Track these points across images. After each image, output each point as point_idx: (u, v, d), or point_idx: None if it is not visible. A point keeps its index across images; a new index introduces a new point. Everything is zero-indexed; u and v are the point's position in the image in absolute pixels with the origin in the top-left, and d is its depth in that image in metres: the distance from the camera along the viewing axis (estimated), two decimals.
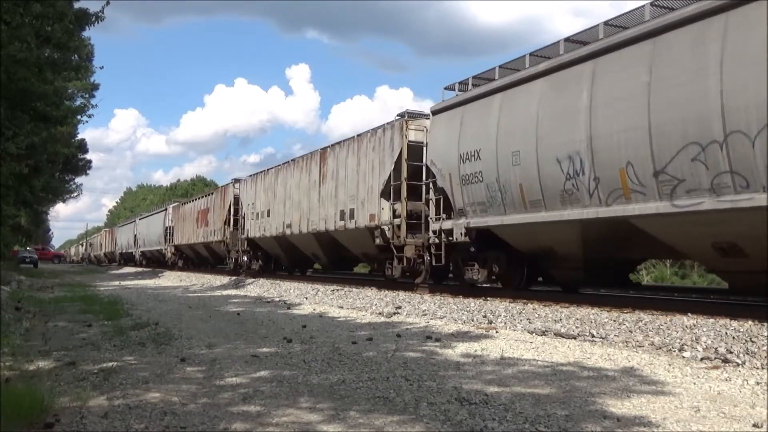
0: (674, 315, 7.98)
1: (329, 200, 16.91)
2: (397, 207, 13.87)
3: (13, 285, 18.05)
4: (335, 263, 19.43)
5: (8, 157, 12.84)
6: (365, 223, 14.97)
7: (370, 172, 14.96)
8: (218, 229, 26.99)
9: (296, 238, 19.54)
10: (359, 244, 16.09)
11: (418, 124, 13.92)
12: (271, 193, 21.57)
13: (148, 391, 4.51)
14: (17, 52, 10.24)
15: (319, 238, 17.93)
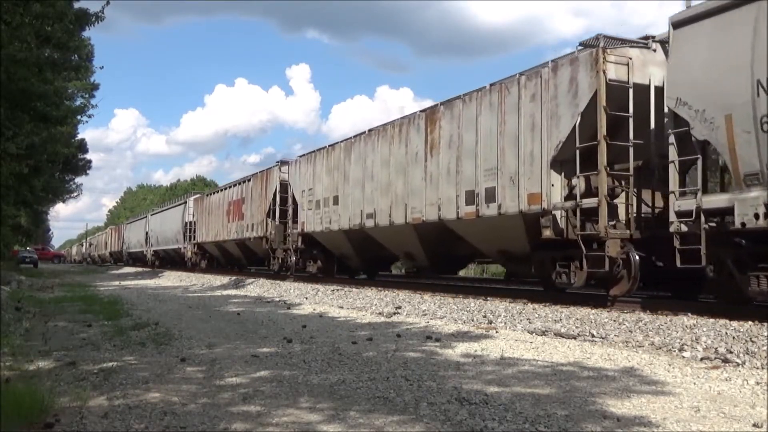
0: (674, 315, 7.98)
1: (445, 178, 12.39)
2: (577, 182, 9.57)
3: (13, 285, 18.06)
4: (441, 264, 14.79)
5: (8, 157, 12.85)
6: (521, 207, 10.45)
7: (528, 132, 10.39)
8: (258, 222, 22.32)
9: (381, 232, 15.01)
10: (498, 238, 11.61)
11: (619, 55, 9.42)
12: (339, 174, 16.77)
13: (148, 391, 4.51)
14: (17, 52, 10.25)
15: (421, 231, 13.59)
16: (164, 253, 38.57)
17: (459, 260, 15.03)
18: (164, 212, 39.38)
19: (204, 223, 29.75)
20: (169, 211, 37.90)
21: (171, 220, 36.17)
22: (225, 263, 29.10)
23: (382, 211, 14.56)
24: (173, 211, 36.43)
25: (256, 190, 23.02)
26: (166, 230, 37.21)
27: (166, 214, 38.12)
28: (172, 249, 36.00)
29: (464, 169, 11.85)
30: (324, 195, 17.44)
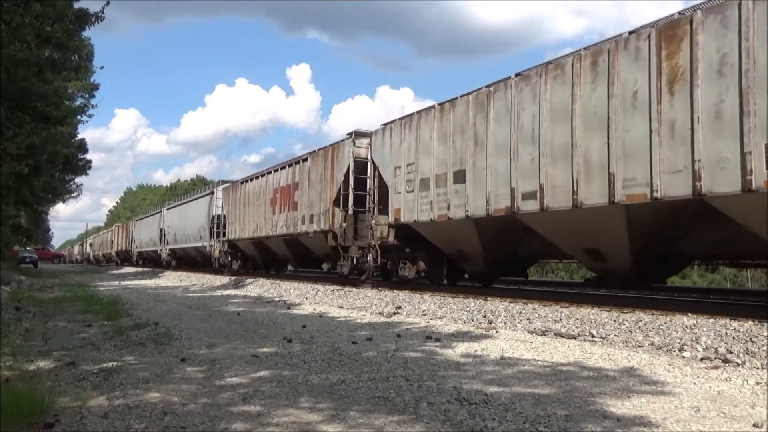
0: (674, 315, 7.98)
1: (709, 126, 7.60)
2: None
3: (13, 285, 18.06)
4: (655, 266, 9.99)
5: (8, 157, 12.85)
6: None
7: None
8: (320, 213, 17.54)
9: (549, 219, 10.11)
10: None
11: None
12: (463, 140, 11.85)
13: (148, 391, 4.51)
14: (17, 52, 10.24)
15: (641, 215, 8.85)
16: (183, 252, 33.47)
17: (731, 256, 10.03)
18: (184, 205, 33.17)
19: (238, 216, 24.64)
20: (190, 204, 32.05)
21: (194, 215, 30.73)
22: (263, 264, 24.35)
23: (555, 187, 9.74)
24: (196, 203, 30.80)
25: (315, 171, 18.23)
26: (187, 226, 31.79)
27: (188, 208, 32.17)
28: (194, 248, 30.76)
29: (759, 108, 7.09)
30: (436, 171, 12.59)
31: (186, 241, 32.17)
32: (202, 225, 29.03)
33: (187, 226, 31.94)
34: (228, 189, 26.74)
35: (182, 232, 32.95)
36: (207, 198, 29.19)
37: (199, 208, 29.98)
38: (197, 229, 30.07)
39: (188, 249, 32.18)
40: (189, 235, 31.66)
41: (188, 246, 31.92)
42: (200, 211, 29.76)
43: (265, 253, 23.37)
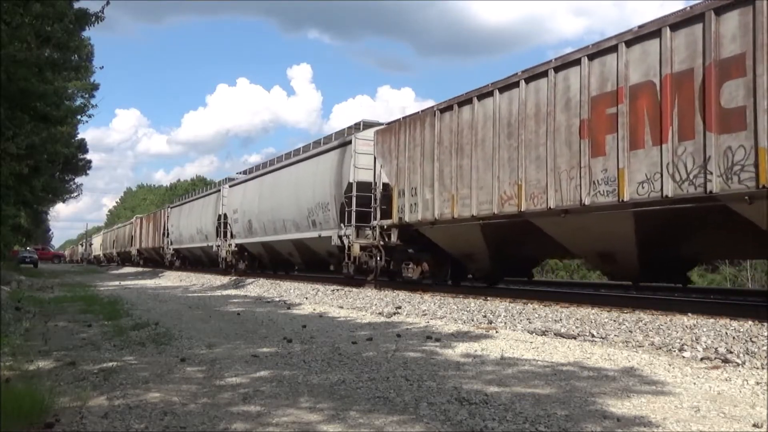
0: (674, 315, 7.98)
1: None
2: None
3: (13, 285, 18.07)
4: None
5: (8, 157, 12.85)
6: None
7: None
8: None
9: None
10: None
11: None
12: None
13: (148, 391, 4.51)
14: (17, 52, 10.25)
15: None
16: (272, 250, 22.62)
17: None
18: (276, 173, 21.77)
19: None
20: (292, 169, 20.67)
21: (300, 182, 19.63)
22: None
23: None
24: (302, 167, 19.61)
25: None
26: (283, 206, 20.50)
27: (283, 175, 21.04)
28: (298, 241, 19.64)
29: None
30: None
31: (283, 230, 20.94)
32: (316, 205, 18.37)
33: (284, 206, 20.66)
34: (391, 130, 16.49)
35: (273, 216, 21.50)
36: (333, 154, 18.47)
37: (310, 173, 19.11)
38: (303, 209, 19.15)
39: (290, 245, 20.62)
40: (291, 218, 20.24)
41: (289, 238, 20.43)
42: (320, 173, 18.48)
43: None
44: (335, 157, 17.07)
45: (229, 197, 26.32)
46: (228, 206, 26.36)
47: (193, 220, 31.62)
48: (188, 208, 33.63)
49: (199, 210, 31.20)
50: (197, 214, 31.13)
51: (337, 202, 16.55)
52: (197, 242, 31.06)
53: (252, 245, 24.03)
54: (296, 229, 19.35)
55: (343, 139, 17.05)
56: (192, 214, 32.30)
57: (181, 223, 34.31)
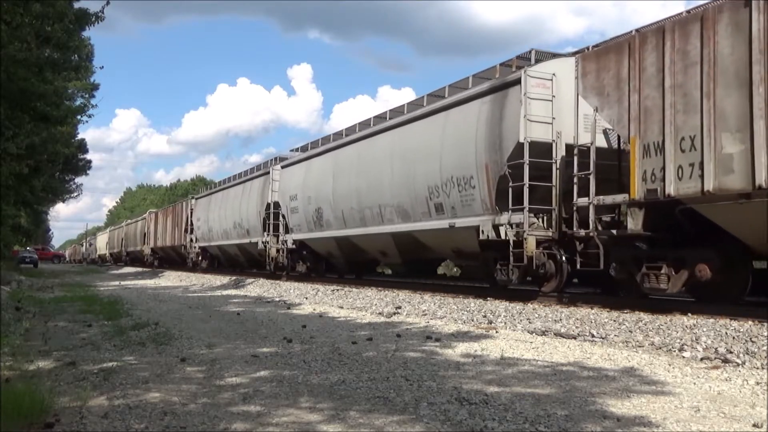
0: (674, 315, 7.98)
1: None
2: None
3: (13, 285, 18.06)
4: None
5: (8, 157, 12.85)
6: None
7: None
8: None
9: None
10: None
11: None
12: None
13: (148, 391, 4.51)
14: (17, 52, 10.25)
15: None
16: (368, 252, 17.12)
17: None
18: (368, 140, 16.45)
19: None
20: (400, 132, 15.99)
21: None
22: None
23: None
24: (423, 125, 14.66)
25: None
26: (365, 188, 15.66)
27: (378, 143, 15.73)
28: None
29: None
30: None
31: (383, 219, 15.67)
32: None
33: (369, 189, 15.60)
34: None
35: (361, 201, 15.86)
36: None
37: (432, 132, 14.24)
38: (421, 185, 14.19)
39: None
40: (404, 200, 14.86)
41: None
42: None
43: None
44: (485, 107, 11.64)
45: (282, 181, 20.79)
46: (282, 192, 20.65)
47: (228, 211, 25.95)
48: (221, 197, 27.67)
49: (236, 199, 25.29)
50: (234, 204, 25.39)
51: (490, 174, 11.27)
52: (233, 238, 25.55)
53: (320, 242, 18.50)
54: (402, 217, 13.96)
55: (501, 80, 11.56)
56: (226, 204, 26.45)
57: (211, 216, 28.44)
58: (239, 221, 24.66)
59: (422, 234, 13.62)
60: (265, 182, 22.23)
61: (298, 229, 19.40)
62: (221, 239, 27.22)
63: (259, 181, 23.04)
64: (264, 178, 22.50)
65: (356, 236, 16.15)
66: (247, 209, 23.86)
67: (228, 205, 26.25)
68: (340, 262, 18.73)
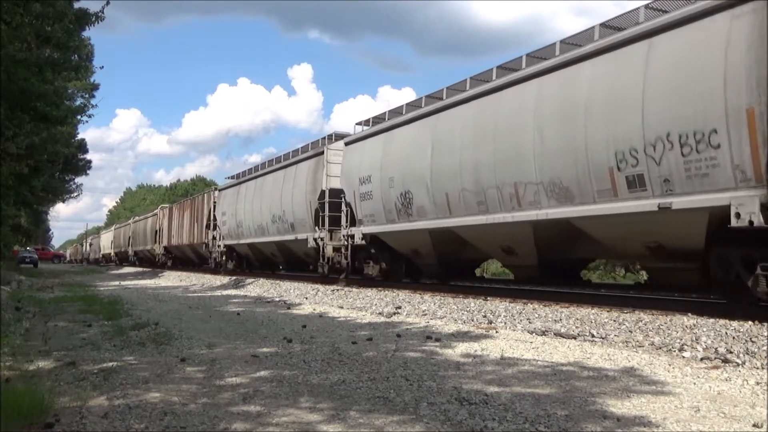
0: (674, 315, 7.98)
1: None
2: None
3: (13, 285, 18.06)
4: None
5: (8, 157, 12.86)
6: None
7: None
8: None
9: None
10: None
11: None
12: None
13: (148, 391, 4.51)
14: (17, 52, 10.26)
15: None
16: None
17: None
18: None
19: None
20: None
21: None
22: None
23: None
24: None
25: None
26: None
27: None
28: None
29: None
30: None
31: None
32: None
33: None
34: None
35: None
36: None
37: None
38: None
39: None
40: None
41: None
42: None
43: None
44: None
45: (346, 161, 16.38)
46: (347, 175, 16.12)
47: (265, 203, 21.83)
48: (254, 187, 23.26)
49: (275, 188, 21.13)
50: (273, 194, 21.20)
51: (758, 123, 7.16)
52: (270, 235, 21.45)
53: (404, 236, 14.20)
54: (558, 198, 9.87)
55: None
56: (261, 195, 22.28)
57: (241, 208, 24.10)
58: (280, 214, 20.54)
59: (594, 223, 9.54)
60: (317, 165, 18.24)
61: (371, 220, 15.08)
62: (254, 236, 23.00)
63: (309, 165, 18.83)
64: (315, 160, 18.40)
65: (467, 227, 12.02)
66: (291, 199, 19.69)
67: (264, 196, 21.98)
68: (429, 263, 14.36)
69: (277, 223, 20.98)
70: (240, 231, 24.50)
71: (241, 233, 24.48)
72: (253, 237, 23.23)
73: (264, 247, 22.83)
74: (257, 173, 23.81)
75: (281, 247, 21.38)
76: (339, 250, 16.92)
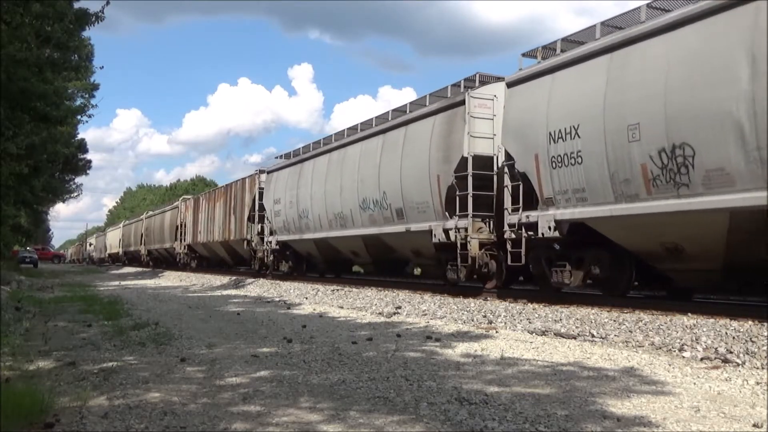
0: (674, 315, 7.98)
1: None
2: None
3: (13, 285, 18.05)
4: None
5: (8, 157, 12.86)
6: None
7: None
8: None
9: None
10: None
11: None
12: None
13: (148, 391, 4.51)
14: (17, 52, 10.26)
15: None
16: None
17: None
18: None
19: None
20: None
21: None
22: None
23: None
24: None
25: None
26: None
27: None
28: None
29: None
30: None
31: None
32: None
33: None
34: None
35: None
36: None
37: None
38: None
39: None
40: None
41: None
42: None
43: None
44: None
45: (510, 109, 11.25)
46: (518, 131, 10.87)
47: (349, 182, 16.02)
48: (327, 163, 17.54)
49: (368, 161, 15.28)
50: (365, 169, 15.35)
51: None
52: (359, 226, 15.71)
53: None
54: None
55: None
56: (342, 172, 16.49)
57: (305, 193, 18.47)
58: (377, 197, 14.69)
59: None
60: (448, 123, 12.62)
61: (575, 198, 9.67)
62: (326, 229, 17.32)
63: (432, 124, 13.09)
64: (445, 116, 12.78)
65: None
66: (398, 175, 13.85)
67: (346, 174, 16.18)
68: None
69: (370, 209, 15.09)
70: (303, 223, 18.73)
71: (304, 226, 18.69)
72: (325, 230, 17.42)
73: (342, 242, 17.03)
74: (331, 145, 17.87)
75: (373, 242, 15.62)
76: (490, 247, 11.95)
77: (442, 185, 12.47)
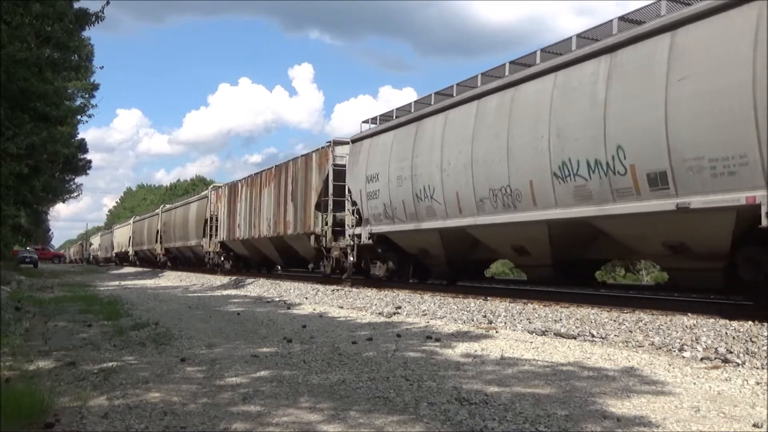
0: (674, 315, 7.98)
1: None
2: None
3: (13, 285, 18.06)
4: None
5: (8, 157, 12.86)
6: None
7: None
8: None
9: None
10: None
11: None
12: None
13: (148, 391, 4.51)
14: (17, 52, 10.26)
15: None
16: None
17: None
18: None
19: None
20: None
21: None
22: None
23: None
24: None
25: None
26: None
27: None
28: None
29: None
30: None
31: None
32: None
33: None
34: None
35: None
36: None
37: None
38: None
39: None
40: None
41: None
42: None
43: None
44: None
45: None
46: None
47: (521, 138, 10.37)
48: (474, 116, 11.63)
49: (568, 101, 9.46)
50: (555, 113, 9.65)
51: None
52: (543, 206, 10.05)
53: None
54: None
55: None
56: (511, 122, 10.61)
57: (425, 162, 13.00)
58: (600, 155, 8.89)
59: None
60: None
61: None
62: (473, 213, 11.65)
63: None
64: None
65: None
66: (664, 112, 7.91)
67: (516, 126, 10.52)
68: None
69: (579, 178, 9.29)
70: (423, 207, 13.11)
71: (424, 210, 13.09)
72: (469, 215, 11.84)
73: (502, 234, 11.45)
74: (477, 90, 11.87)
75: (571, 230, 10.15)
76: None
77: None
